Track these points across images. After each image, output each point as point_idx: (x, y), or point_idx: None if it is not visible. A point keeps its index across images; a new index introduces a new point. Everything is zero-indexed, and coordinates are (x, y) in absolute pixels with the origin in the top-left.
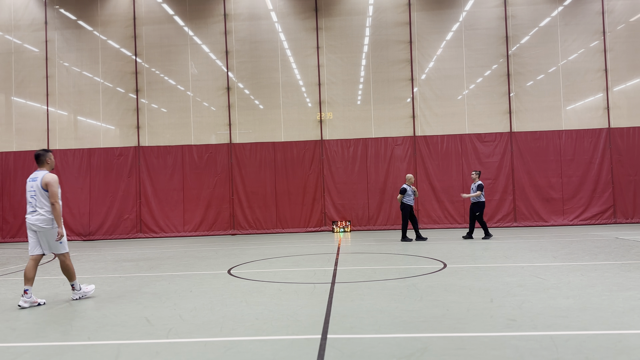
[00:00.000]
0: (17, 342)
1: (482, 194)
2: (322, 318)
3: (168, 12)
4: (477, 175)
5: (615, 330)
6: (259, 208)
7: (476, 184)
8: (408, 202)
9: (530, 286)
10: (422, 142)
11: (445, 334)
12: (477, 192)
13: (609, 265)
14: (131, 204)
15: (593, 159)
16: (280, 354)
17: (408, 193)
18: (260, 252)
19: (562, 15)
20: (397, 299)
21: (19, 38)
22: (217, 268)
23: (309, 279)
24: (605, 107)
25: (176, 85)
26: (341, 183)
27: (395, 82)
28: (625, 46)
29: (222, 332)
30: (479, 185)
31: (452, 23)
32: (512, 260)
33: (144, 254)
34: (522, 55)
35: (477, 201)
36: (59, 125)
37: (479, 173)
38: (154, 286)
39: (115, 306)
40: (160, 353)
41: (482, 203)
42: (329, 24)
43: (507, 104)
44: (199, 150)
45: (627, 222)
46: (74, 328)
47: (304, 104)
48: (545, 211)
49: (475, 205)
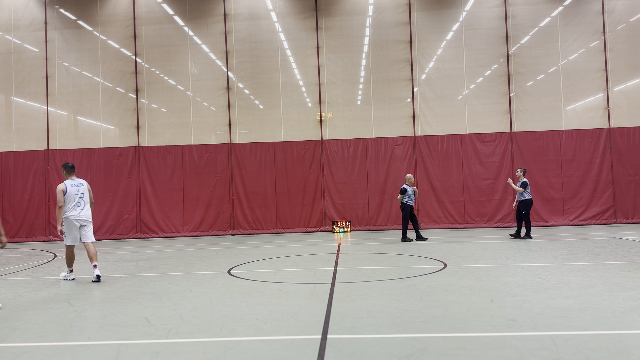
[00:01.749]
0: (17, 342)
1: (527, 191)
2: (322, 318)
3: (168, 12)
4: (522, 173)
5: (616, 330)
6: (259, 208)
7: (520, 181)
8: (408, 202)
9: (531, 286)
10: (422, 142)
11: (446, 334)
12: (520, 188)
13: (609, 266)
14: (131, 204)
15: (593, 159)
16: (280, 354)
17: (408, 193)
18: (260, 252)
19: (563, 15)
20: (397, 299)
21: (19, 38)
22: (217, 268)
23: (309, 279)
24: (605, 107)
25: (176, 85)
26: (341, 183)
27: (395, 82)
28: (626, 46)
29: (222, 332)
30: (522, 182)
31: (452, 23)
32: (513, 261)
33: (144, 254)
34: (523, 55)
35: (523, 199)
36: (58, 125)
37: (524, 171)
38: (154, 286)
39: (115, 306)
40: (160, 353)
41: (528, 201)
42: (329, 23)
43: (508, 104)
44: (199, 150)
45: (627, 222)
46: (74, 328)
47: (304, 104)
48: (546, 211)
49: (521, 203)
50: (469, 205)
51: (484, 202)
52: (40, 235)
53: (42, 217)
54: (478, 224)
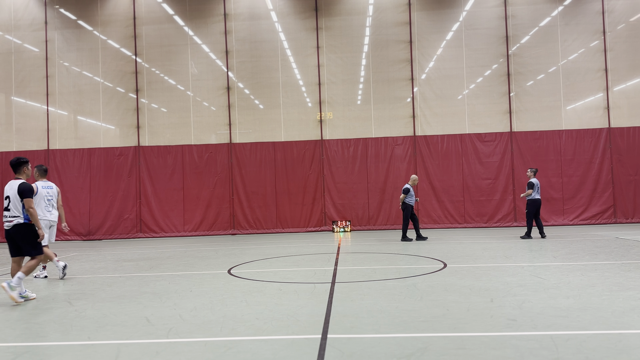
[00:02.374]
0: (17, 342)
1: (534, 191)
2: (322, 318)
3: (168, 12)
4: (532, 173)
5: (616, 330)
6: (259, 208)
7: (529, 182)
8: (410, 202)
9: (531, 286)
10: (422, 142)
11: (446, 334)
12: (528, 190)
13: (609, 265)
14: (131, 203)
15: (593, 158)
16: (280, 353)
17: (411, 193)
18: (260, 251)
19: (562, 15)
20: (397, 299)
21: (19, 38)
22: (217, 268)
23: (309, 278)
24: (605, 106)
25: (176, 85)
26: (341, 183)
27: (395, 81)
28: (626, 46)
29: (222, 331)
30: (528, 183)
31: (452, 23)
32: (512, 260)
33: (144, 254)
34: (522, 55)
35: (530, 198)
36: (59, 125)
37: (534, 171)
38: (154, 286)
39: (115, 306)
40: (160, 353)
41: (531, 201)
42: (329, 23)
43: (507, 104)
44: (199, 150)
45: (627, 222)
46: (73, 328)
47: (304, 103)
48: (546, 211)
49: (527, 201)
50: (469, 205)
51: (484, 201)
52: None
53: None
54: (478, 223)
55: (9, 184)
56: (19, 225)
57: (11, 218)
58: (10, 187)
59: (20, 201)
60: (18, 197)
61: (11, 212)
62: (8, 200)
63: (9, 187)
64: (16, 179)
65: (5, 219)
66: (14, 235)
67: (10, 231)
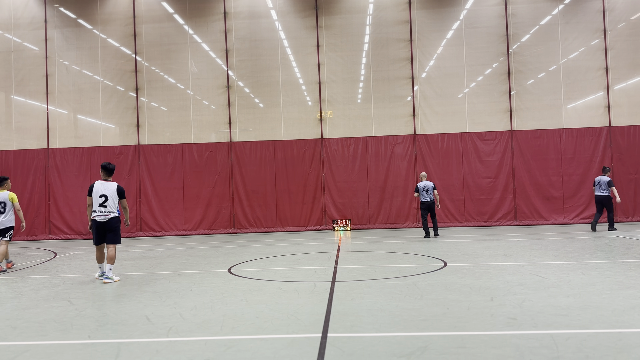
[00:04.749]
0: (17, 341)
1: (603, 187)
2: (322, 317)
3: (168, 11)
4: (607, 171)
5: (616, 328)
6: (259, 207)
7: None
8: (422, 199)
9: (531, 285)
10: (422, 141)
11: (446, 333)
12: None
13: (610, 264)
14: (131, 202)
15: (594, 157)
16: (280, 352)
17: (422, 191)
18: (260, 250)
19: (563, 13)
20: (398, 298)
21: (19, 36)
22: (218, 267)
23: (309, 277)
24: (605, 105)
25: (176, 84)
26: (341, 182)
27: (395, 80)
28: (626, 44)
29: (222, 330)
30: (609, 182)
31: (452, 21)
32: (513, 259)
33: (144, 253)
34: (523, 54)
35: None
36: (58, 124)
37: (607, 170)
38: (154, 285)
39: (115, 305)
40: (160, 352)
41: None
42: (329, 22)
43: (508, 103)
44: (199, 148)
45: (627, 220)
46: (74, 326)
47: (304, 102)
48: (546, 210)
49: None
50: (469, 203)
51: (484, 200)
52: (41, 234)
53: (42, 216)
54: (478, 222)
55: (101, 183)
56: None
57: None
58: (105, 187)
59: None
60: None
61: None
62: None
63: (104, 187)
64: (106, 180)
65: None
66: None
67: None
